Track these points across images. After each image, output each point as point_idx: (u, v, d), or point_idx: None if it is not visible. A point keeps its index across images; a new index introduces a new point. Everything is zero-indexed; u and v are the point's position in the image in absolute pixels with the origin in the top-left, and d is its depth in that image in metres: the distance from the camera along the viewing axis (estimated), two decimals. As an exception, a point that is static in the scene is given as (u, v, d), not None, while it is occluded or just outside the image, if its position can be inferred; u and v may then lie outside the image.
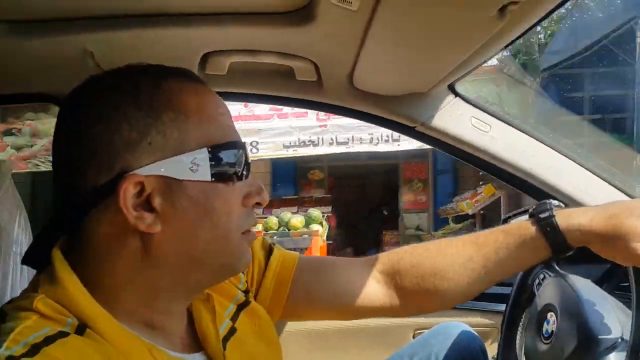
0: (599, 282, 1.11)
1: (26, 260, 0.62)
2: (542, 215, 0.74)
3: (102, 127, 0.55)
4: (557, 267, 0.86)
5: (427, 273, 0.80)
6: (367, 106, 1.14)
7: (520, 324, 0.93)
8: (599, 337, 0.69)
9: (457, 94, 1.14)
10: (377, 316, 0.85)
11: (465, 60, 0.92)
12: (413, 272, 0.81)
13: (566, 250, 0.74)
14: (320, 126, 4.65)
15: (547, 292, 0.85)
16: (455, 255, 0.80)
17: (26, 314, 0.51)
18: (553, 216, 0.73)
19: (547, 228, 0.73)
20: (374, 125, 1.22)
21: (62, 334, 0.49)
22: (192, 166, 0.56)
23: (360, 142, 4.65)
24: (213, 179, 0.57)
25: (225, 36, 0.94)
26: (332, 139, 4.64)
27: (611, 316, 0.72)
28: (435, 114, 1.13)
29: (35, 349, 0.46)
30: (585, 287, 0.80)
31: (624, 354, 0.62)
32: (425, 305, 0.85)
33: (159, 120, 0.56)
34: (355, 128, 4.54)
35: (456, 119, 1.14)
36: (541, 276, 0.90)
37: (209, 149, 0.57)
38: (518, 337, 0.93)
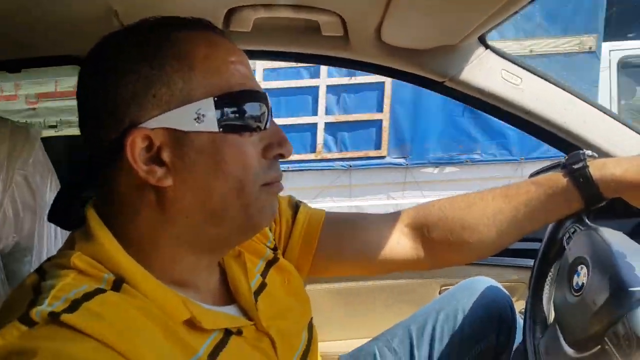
0: (632, 235, 1.10)
1: (51, 217, 0.63)
2: (575, 166, 0.73)
3: (110, 82, 0.55)
4: (588, 221, 0.85)
5: (456, 226, 0.80)
6: (395, 61, 1.11)
7: (549, 277, 0.93)
8: (631, 289, 0.68)
9: (487, 46, 1.10)
10: (405, 269, 0.86)
11: (497, 10, 0.89)
12: (441, 226, 0.81)
13: (599, 201, 0.73)
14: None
15: (577, 245, 0.84)
16: (484, 208, 0.79)
17: (65, 271, 0.52)
18: (587, 167, 0.72)
19: (580, 179, 0.72)
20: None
21: (100, 291, 0.50)
22: (197, 117, 0.55)
23: (70, 126, 4.17)
24: (221, 130, 0.55)
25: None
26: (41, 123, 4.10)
27: None
28: (464, 67, 1.10)
29: (75, 304, 0.48)
30: (617, 239, 0.79)
31: None
32: (453, 258, 0.85)
33: (162, 71, 0.55)
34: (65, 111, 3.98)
35: (486, 71, 1.10)
36: (572, 230, 0.88)
37: (215, 98, 0.55)
38: (547, 290, 0.93)
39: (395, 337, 1.01)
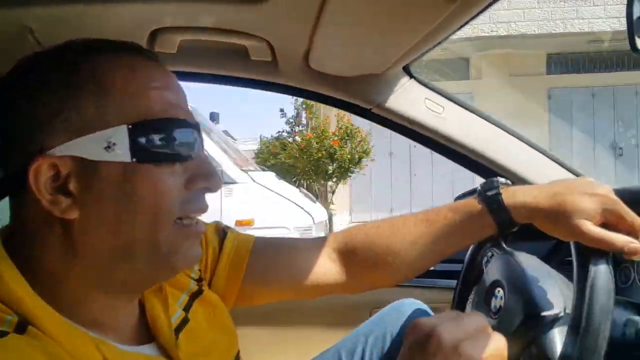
0: (546, 258, 1.16)
1: None
2: (488, 193, 0.76)
3: (20, 105, 0.53)
4: (504, 245, 0.89)
5: (380, 251, 0.82)
6: (323, 87, 1.14)
7: (470, 299, 0.96)
8: (542, 313, 0.71)
9: (411, 76, 1.15)
10: (332, 293, 0.87)
11: (418, 42, 0.93)
12: (367, 251, 0.83)
13: (511, 227, 0.76)
14: None
15: (494, 268, 0.88)
16: (407, 233, 0.82)
17: None
18: (499, 194, 0.75)
19: (494, 205, 0.75)
20: None
21: (1, 334, 0.46)
22: (107, 145, 0.51)
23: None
24: (134, 160, 0.52)
25: (174, 12, 0.90)
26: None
27: (555, 291, 0.75)
28: (390, 96, 1.14)
29: None
30: (531, 263, 0.83)
31: (566, 327, 0.64)
32: (378, 282, 0.87)
33: (75, 96, 0.52)
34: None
35: (411, 100, 1.15)
36: (489, 254, 0.93)
37: (130, 126, 0.52)
38: (469, 311, 0.96)
39: None
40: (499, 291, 0.83)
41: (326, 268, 0.83)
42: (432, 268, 1.36)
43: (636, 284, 0.83)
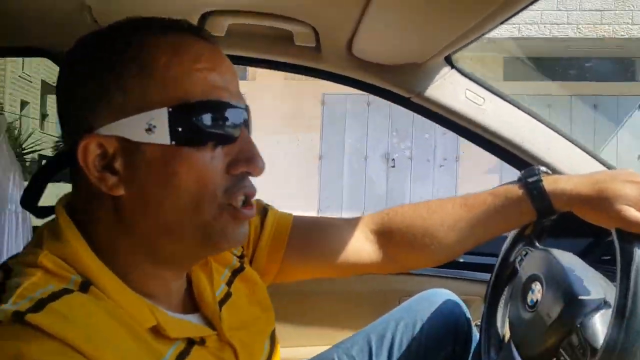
0: (581, 255, 1.15)
1: (24, 203, 0.61)
2: (530, 180, 0.77)
3: (73, 84, 0.55)
4: (538, 244, 0.90)
5: (417, 232, 0.83)
6: (365, 75, 1.14)
7: (504, 296, 0.96)
8: (584, 298, 0.71)
9: (453, 66, 1.15)
10: (368, 272, 0.89)
11: (464, 32, 0.93)
12: (404, 232, 0.84)
13: (551, 214, 0.77)
14: None
15: (530, 264, 0.87)
16: (445, 216, 0.82)
17: (31, 270, 0.50)
18: (540, 180, 0.76)
19: (534, 191, 0.76)
20: None
21: (67, 291, 0.49)
22: (148, 127, 0.52)
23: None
24: (174, 142, 0.52)
25: (226, -4, 0.93)
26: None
27: (594, 281, 0.75)
28: (430, 85, 1.14)
29: (40, 304, 0.46)
30: (568, 257, 0.83)
31: (609, 313, 0.64)
32: (414, 263, 0.89)
33: (121, 76, 0.53)
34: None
35: (451, 90, 1.15)
36: (524, 252, 0.92)
37: (170, 109, 0.52)
38: (501, 307, 0.96)
39: (355, 345, 1.02)
40: (535, 285, 0.82)
41: (363, 247, 0.85)
42: (463, 260, 1.37)
43: None
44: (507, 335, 0.92)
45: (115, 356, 0.47)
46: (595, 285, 0.74)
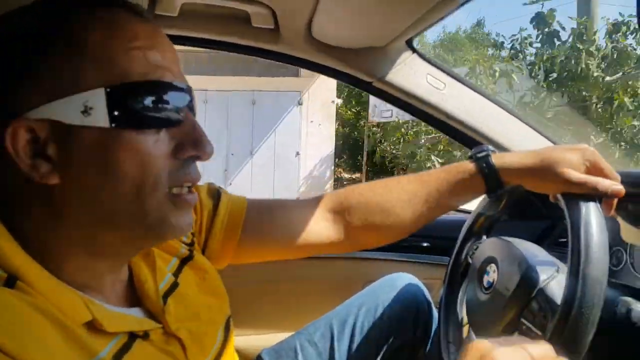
0: (536, 242, 1.18)
1: None
2: (478, 155, 0.81)
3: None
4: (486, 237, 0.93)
5: (374, 210, 0.84)
6: (325, 58, 1.12)
7: (462, 277, 0.97)
8: (539, 267, 0.75)
9: (414, 50, 1.14)
10: (326, 252, 0.89)
11: (423, 15, 0.92)
12: (361, 209, 0.85)
13: (500, 187, 0.80)
14: None
15: (483, 251, 0.89)
16: (400, 192, 0.84)
17: None
18: (489, 155, 0.80)
19: (483, 164, 0.80)
20: None
21: None
22: (84, 109, 0.48)
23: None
24: (114, 125, 0.49)
25: (177, -26, 0.88)
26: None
27: (546, 256, 0.79)
28: (392, 69, 1.13)
29: None
30: (519, 240, 0.86)
31: (564, 278, 0.66)
32: (372, 240, 0.89)
33: (50, 58, 0.49)
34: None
35: (412, 75, 1.14)
36: (474, 247, 0.95)
37: (108, 89, 0.49)
38: (461, 288, 0.97)
39: (317, 330, 1.02)
40: (490, 267, 0.84)
41: (320, 227, 0.85)
42: (425, 244, 1.38)
43: (628, 267, 0.84)
44: (465, 319, 0.93)
45: (42, 354, 0.44)
46: (547, 258, 0.78)
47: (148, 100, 0.51)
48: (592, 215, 0.67)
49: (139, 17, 0.54)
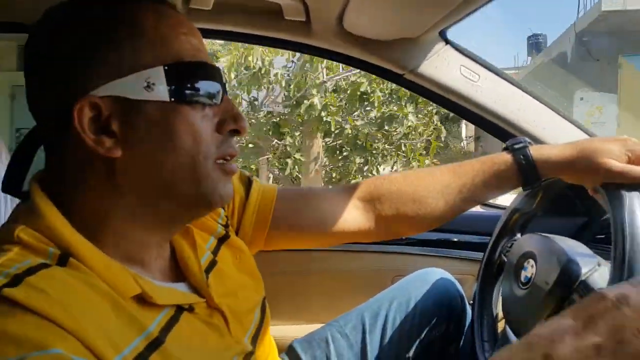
0: (573, 238, 1.15)
1: (5, 187, 0.60)
2: (516, 147, 0.80)
3: (58, 49, 0.54)
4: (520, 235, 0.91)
5: (406, 199, 0.84)
6: (356, 50, 1.11)
7: (497, 272, 0.96)
8: (580, 259, 0.72)
9: (447, 42, 1.12)
10: (357, 240, 0.89)
11: (458, 6, 0.90)
12: (392, 198, 0.85)
13: (537, 179, 0.79)
14: None
15: (522, 245, 0.87)
16: (433, 182, 0.84)
17: (7, 245, 0.49)
18: (527, 147, 0.79)
19: (521, 156, 0.79)
20: None
21: (44, 265, 0.48)
22: (147, 85, 0.53)
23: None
24: (172, 99, 0.54)
25: (212, -32, 0.89)
26: None
27: (587, 250, 0.77)
28: (424, 61, 1.11)
29: (17, 279, 0.45)
30: (558, 236, 0.83)
31: (607, 271, 0.65)
32: (402, 230, 0.90)
33: (112, 38, 0.53)
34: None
35: (445, 67, 1.12)
36: (509, 245, 0.93)
37: (166, 67, 0.54)
38: (495, 283, 0.96)
39: (349, 323, 1.02)
40: (528, 262, 0.82)
41: (351, 215, 0.85)
42: (456, 239, 1.36)
43: None
44: (501, 315, 0.92)
45: (95, 328, 0.46)
46: (588, 252, 0.76)
47: (197, 79, 0.56)
48: (637, 205, 0.65)
49: (177, 12, 0.59)
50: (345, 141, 6.38)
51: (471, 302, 1.00)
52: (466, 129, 12.13)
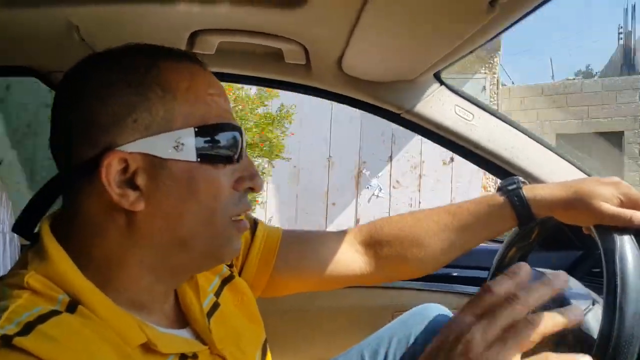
0: (570, 269, 1.16)
1: (16, 228, 0.61)
2: (509, 187, 0.81)
3: (91, 102, 0.55)
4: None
5: (405, 242, 0.85)
6: (355, 92, 1.15)
7: None
8: (574, 301, 0.74)
9: (442, 83, 1.16)
10: (357, 284, 0.89)
11: (452, 50, 0.94)
12: (392, 242, 0.86)
13: (531, 219, 0.80)
14: None
15: None
16: (431, 225, 0.85)
17: (18, 292, 0.50)
18: (520, 188, 0.80)
19: (514, 198, 0.80)
20: None
21: (54, 313, 0.49)
22: (176, 145, 0.55)
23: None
24: (199, 160, 0.56)
25: (215, 15, 0.92)
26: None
27: (582, 289, 0.78)
28: (420, 101, 1.15)
29: (28, 327, 0.46)
30: (554, 272, 0.84)
31: (600, 311, 0.65)
32: (402, 273, 0.91)
33: (145, 97, 0.55)
34: None
35: (440, 106, 1.16)
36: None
37: (196, 129, 0.56)
38: None
39: None
40: None
41: (352, 260, 0.86)
42: (455, 274, 1.37)
43: None
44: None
45: None
46: (582, 290, 0.77)
47: (222, 139, 0.59)
48: (627, 248, 0.66)
49: (208, 70, 0.62)
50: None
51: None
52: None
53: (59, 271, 0.53)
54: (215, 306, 0.69)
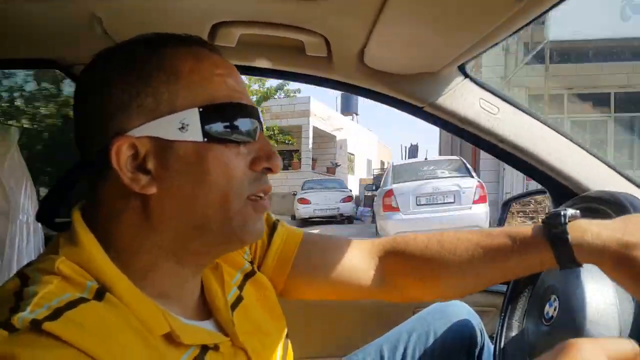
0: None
1: (39, 217, 0.63)
2: (554, 231, 0.68)
3: (99, 92, 0.57)
4: None
5: (429, 265, 0.78)
6: (377, 84, 1.13)
7: (520, 305, 0.95)
8: (595, 334, 0.69)
9: (466, 75, 1.13)
10: (373, 298, 0.84)
11: (477, 42, 0.92)
12: (411, 264, 0.79)
13: (573, 266, 0.68)
14: None
15: (545, 279, 0.86)
16: (456, 254, 0.76)
17: (48, 277, 0.51)
18: (566, 233, 0.67)
19: (558, 242, 0.68)
20: None
21: (83, 300, 0.50)
22: (181, 126, 0.56)
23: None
24: (205, 140, 0.57)
25: (236, 7, 0.92)
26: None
27: (612, 311, 0.71)
28: (443, 95, 1.12)
29: (57, 312, 0.47)
30: (589, 272, 0.77)
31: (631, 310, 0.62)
32: (419, 295, 0.84)
33: (149, 82, 0.57)
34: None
35: (465, 100, 1.13)
36: (534, 277, 0.91)
37: (200, 109, 0.57)
38: (517, 317, 0.95)
39: (368, 356, 1.02)
40: (554, 299, 0.81)
41: (369, 274, 0.81)
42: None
43: None
44: (524, 344, 0.90)
45: None
46: (612, 318, 0.70)
47: (232, 119, 0.59)
48: None
49: (216, 53, 0.62)
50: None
51: (492, 335, 0.99)
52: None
53: (89, 258, 0.54)
54: (239, 299, 0.70)
